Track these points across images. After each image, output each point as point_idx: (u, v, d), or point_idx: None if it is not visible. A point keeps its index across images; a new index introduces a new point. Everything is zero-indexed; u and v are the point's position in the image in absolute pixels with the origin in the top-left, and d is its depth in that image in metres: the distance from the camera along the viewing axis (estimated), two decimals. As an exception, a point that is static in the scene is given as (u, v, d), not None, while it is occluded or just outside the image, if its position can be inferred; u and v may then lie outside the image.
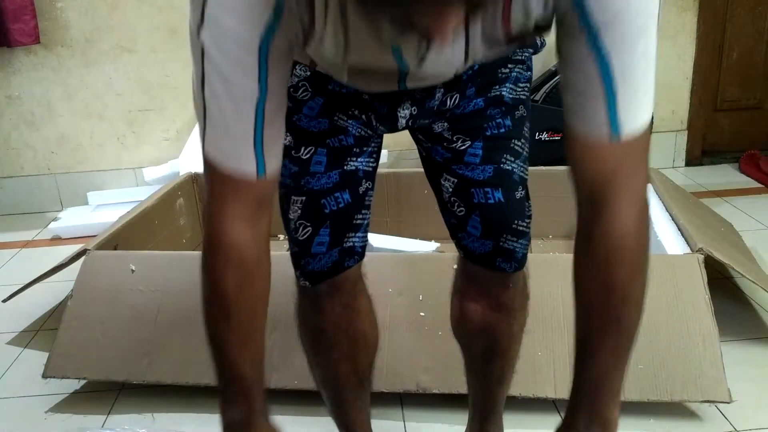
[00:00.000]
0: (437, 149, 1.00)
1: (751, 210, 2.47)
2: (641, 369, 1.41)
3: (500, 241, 0.97)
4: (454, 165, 0.98)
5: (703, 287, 1.48)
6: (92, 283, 1.68)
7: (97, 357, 1.58)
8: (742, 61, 2.98)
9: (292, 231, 0.98)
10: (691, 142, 3.04)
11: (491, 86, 0.95)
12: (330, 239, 0.98)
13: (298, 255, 0.99)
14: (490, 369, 1.14)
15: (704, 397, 1.38)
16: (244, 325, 0.76)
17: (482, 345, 1.10)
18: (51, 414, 1.56)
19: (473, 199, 0.97)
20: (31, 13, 2.63)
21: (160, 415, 1.54)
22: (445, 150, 0.98)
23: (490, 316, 1.05)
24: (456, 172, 0.98)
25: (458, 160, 0.97)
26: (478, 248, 0.99)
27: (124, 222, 1.96)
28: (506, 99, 0.96)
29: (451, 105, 0.94)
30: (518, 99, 0.98)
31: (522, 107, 0.98)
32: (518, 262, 1.00)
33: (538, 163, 2.61)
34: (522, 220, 0.98)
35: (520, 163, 0.98)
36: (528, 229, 1.00)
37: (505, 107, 0.97)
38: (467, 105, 0.95)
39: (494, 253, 0.98)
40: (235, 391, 0.79)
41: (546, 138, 2.63)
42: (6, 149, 2.89)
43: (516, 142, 0.98)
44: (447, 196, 1.01)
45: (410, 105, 0.92)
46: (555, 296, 1.51)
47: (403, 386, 1.46)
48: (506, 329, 1.08)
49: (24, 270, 2.29)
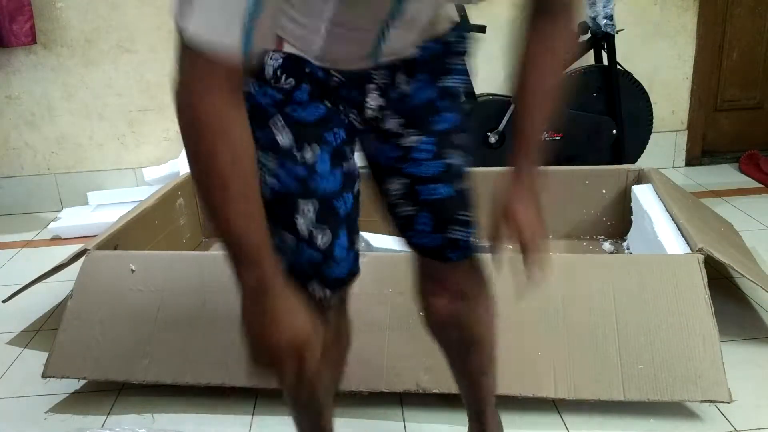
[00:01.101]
0: (385, 150, 1.00)
1: (751, 210, 2.47)
2: (641, 369, 1.41)
3: (447, 233, 1.02)
4: (403, 164, 1.00)
5: (703, 287, 1.48)
6: (92, 283, 1.68)
7: (96, 357, 1.58)
8: (742, 61, 2.99)
9: (304, 238, 0.94)
10: (691, 142, 3.04)
11: (442, 76, 0.98)
12: (347, 243, 0.97)
13: (316, 264, 0.95)
14: (470, 361, 1.17)
15: (704, 397, 1.38)
16: (242, 197, 0.76)
17: (456, 338, 1.13)
18: (51, 414, 1.56)
19: (421, 197, 1.00)
20: (28, 14, 2.63)
21: (159, 415, 1.54)
22: (396, 148, 0.99)
23: (454, 307, 1.08)
24: (405, 171, 1.00)
25: (407, 158, 0.99)
26: (429, 243, 1.03)
27: (124, 222, 1.96)
28: (455, 91, 1.00)
29: (410, 91, 0.97)
30: (464, 92, 1.03)
31: (465, 100, 1.02)
32: (465, 250, 1.04)
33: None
34: (467, 210, 1.03)
35: (464, 156, 1.03)
36: (472, 218, 1.05)
37: (453, 100, 1.00)
38: (422, 94, 0.97)
39: (443, 246, 1.02)
40: (246, 259, 0.78)
41: (546, 138, 2.63)
42: (6, 149, 2.89)
43: (462, 135, 1.02)
44: (394, 198, 1.02)
45: (377, 94, 0.95)
46: (554, 296, 1.51)
47: (403, 386, 1.46)
48: (474, 317, 1.10)
49: (24, 270, 2.29)
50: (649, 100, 2.69)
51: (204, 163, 0.75)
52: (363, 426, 1.45)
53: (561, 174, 2.22)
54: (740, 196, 2.63)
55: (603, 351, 1.44)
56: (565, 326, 1.48)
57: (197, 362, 1.54)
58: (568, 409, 1.47)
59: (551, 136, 2.64)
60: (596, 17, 2.53)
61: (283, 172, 0.91)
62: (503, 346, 1.46)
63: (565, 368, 1.43)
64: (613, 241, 2.23)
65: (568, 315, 1.49)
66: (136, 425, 1.50)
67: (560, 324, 1.48)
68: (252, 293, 0.79)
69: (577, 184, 2.21)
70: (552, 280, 1.53)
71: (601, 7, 2.50)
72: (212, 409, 1.54)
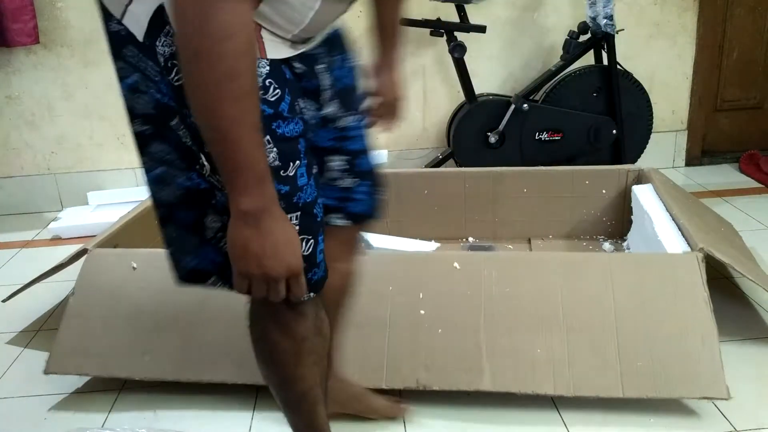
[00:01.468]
0: (325, 134, 1.05)
1: (751, 210, 2.47)
2: (640, 366, 1.41)
3: (379, 195, 1.16)
4: (343, 143, 1.07)
5: (702, 285, 1.48)
6: (94, 281, 1.68)
7: (98, 354, 1.58)
8: (742, 61, 2.99)
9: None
10: (691, 142, 3.04)
11: (348, 54, 1.07)
12: (323, 245, 0.99)
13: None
14: (344, 313, 1.31)
15: (702, 395, 1.38)
16: (256, 109, 0.77)
17: (347, 295, 1.26)
18: (52, 413, 1.56)
19: (360, 168, 1.10)
20: (31, 13, 2.63)
21: (162, 411, 1.54)
22: (335, 130, 1.05)
23: (352, 266, 1.23)
24: (346, 149, 1.07)
25: (347, 137, 1.06)
26: (365, 208, 1.13)
27: (123, 222, 1.97)
28: (357, 70, 1.09)
29: (339, 73, 1.04)
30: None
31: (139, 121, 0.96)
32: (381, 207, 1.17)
33: (538, 163, 2.62)
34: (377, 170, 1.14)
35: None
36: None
37: (357, 79, 1.09)
38: (347, 74, 1.06)
39: (375, 208, 1.15)
40: (252, 179, 0.78)
41: (546, 138, 2.64)
42: (6, 149, 2.89)
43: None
44: (335, 173, 1.08)
45: (327, 74, 1.01)
46: (554, 295, 1.51)
47: (403, 383, 1.46)
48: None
49: (24, 270, 2.29)
50: (649, 100, 2.70)
51: (231, 69, 0.73)
52: (362, 423, 1.45)
53: (561, 174, 2.22)
54: (740, 196, 2.63)
55: (602, 348, 1.44)
56: (564, 324, 1.48)
57: (198, 359, 1.54)
58: (567, 407, 1.47)
59: (551, 136, 2.64)
60: (596, 17, 2.54)
61: None
62: (502, 344, 1.47)
63: (564, 366, 1.43)
64: (613, 241, 2.23)
65: (567, 313, 1.49)
66: (138, 422, 1.50)
67: (559, 321, 1.48)
68: (253, 219, 0.79)
69: (577, 184, 2.21)
70: (551, 278, 1.54)
71: (601, 7, 2.50)
72: (213, 406, 1.54)
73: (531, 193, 2.23)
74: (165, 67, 0.86)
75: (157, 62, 0.86)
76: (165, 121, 0.90)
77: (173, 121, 0.89)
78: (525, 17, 2.82)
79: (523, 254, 1.68)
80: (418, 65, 2.82)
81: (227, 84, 0.74)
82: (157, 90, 0.89)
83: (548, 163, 2.60)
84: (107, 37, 0.92)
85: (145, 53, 0.87)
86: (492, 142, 2.60)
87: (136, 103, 0.92)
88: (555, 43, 2.83)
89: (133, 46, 0.88)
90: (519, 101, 2.57)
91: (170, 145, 0.92)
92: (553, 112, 2.62)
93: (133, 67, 0.89)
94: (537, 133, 2.63)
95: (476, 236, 2.26)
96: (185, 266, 1.00)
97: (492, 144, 2.60)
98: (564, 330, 1.47)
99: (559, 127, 2.63)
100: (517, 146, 2.63)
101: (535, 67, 2.87)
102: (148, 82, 0.89)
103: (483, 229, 2.24)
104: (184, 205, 0.95)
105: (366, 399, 1.44)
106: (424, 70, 2.83)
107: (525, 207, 2.24)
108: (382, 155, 2.74)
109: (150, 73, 0.88)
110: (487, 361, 1.45)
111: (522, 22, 2.82)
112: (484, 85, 2.84)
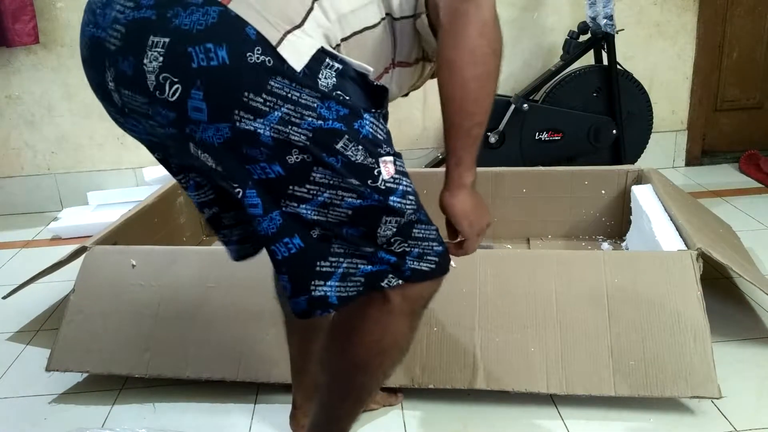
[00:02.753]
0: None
1: (751, 210, 2.47)
2: (632, 365, 1.41)
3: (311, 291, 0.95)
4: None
5: (695, 283, 1.48)
6: (94, 278, 1.69)
7: (99, 351, 1.59)
8: (742, 61, 2.99)
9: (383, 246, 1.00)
10: (691, 142, 3.04)
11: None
12: None
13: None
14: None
15: (694, 393, 1.38)
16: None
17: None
18: (53, 412, 1.56)
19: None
20: (31, 13, 2.64)
21: (162, 409, 1.54)
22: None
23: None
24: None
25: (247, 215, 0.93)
26: (294, 308, 0.96)
27: (122, 220, 1.97)
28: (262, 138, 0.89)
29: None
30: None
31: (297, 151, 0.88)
32: (336, 306, 0.96)
33: (538, 163, 2.62)
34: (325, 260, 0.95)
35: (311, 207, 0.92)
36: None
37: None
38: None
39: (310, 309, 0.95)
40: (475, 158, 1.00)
41: (546, 138, 2.64)
42: (6, 149, 2.89)
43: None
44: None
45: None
46: (548, 292, 1.51)
47: (398, 381, 1.46)
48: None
49: (24, 270, 2.29)
50: (649, 100, 2.70)
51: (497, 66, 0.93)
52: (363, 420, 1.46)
53: (561, 174, 2.22)
54: (740, 196, 2.63)
55: (595, 346, 1.44)
56: (557, 321, 1.48)
57: (198, 357, 1.54)
58: (566, 404, 1.47)
59: (551, 136, 2.64)
60: (596, 17, 2.54)
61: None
62: (497, 342, 1.47)
63: (557, 363, 1.44)
64: (612, 241, 2.23)
65: (561, 310, 1.49)
66: (137, 422, 1.51)
67: (553, 319, 1.48)
68: (473, 189, 1.02)
69: (577, 184, 2.21)
70: (545, 276, 1.54)
71: (601, 7, 2.50)
72: (214, 403, 1.54)
73: (530, 193, 2.23)
74: (327, 95, 0.86)
75: (317, 90, 0.85)
76: (329, 145, 0.87)
77: (339, 143, 0.88)
78: (525, 17, 2.82)
79: (518, 252, 1.68)
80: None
81: (494, 84, 0.95)
82: (317, 117, 0.86)
83: (548, 163, 2.60)
84: (236, 71, 0.82)
85: (299, 83, 0.84)
86: (492, 142, 2.60)
87: (291, 135, 0.86)
88: (555, 43, 2.83)
89: (281, 77, 0.83)
90: (519, 101, 2.57)
91: (332, 169, 0.89)
92: (553, 112, 2.62)
93: (283, 99, 0.84)
94: (537, 133, 2.63)
95: (476, 236, 2.25)
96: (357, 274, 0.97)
97: (492, 144, 2.60)
98: (557, 328, 1.47)
99: (559, 127, 2.63)
100: (517, 146, 2.63)
101: (535, 67, 2.87)
102: (304, 111, 0.85)
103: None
104: (352, 222, 0.93)
105: None
106: (424, 70, 2.83)
107: (524, 207, 2.24)
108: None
109: (306, 101, 0.85)
110: (482, 359, 1.46)
111: (522, 22, 2.82)
112: (483, 85, 2.84)
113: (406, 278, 0.99)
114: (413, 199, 0.97)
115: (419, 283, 1.01)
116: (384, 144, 0.93)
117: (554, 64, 2.69)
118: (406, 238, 0.97)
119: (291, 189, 0.89)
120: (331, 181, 0.89)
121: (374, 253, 0.97)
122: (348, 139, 0.88)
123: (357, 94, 0.91)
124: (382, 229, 0.94)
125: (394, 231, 0.95)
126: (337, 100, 0.87)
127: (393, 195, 0.93)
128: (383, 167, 0.92)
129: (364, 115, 0.90)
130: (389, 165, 0.93)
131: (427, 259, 1.01)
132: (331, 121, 0.87)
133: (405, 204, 0.95)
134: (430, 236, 1.01)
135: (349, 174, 0.89)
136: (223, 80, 0.81)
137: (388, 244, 0.96)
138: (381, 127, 0.94)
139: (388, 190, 0.93)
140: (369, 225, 0.94)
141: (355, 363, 1.06)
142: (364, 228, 0.94)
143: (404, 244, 0.97)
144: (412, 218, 0.97)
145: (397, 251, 0.97)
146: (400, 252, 0.98)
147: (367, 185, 0.91)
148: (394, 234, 0.96)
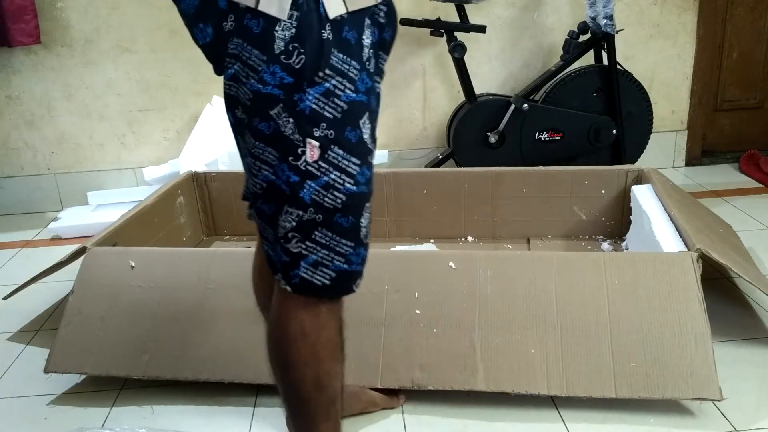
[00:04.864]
0: None
1: (751, 210, 2.47)
2: (633, 366, 1.41)
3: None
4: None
5: (696, 285, 1.48)
6: (92, 280, 1.69)
7: (97, 352, 1.59)
8: (742, 61, 2.99)
9: (363, 238, 0.94)
10: (691, 142, 3.04)
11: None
12: None
13: (363, 260, 0.96)
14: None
15: (695, 395, 1.38)
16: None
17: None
18: (52, 412, 1.56)
19: None
20: (32, 13, 2.63)
21: (161, 411, 1.54)
22: None
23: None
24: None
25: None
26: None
27: (122, 220, 1.96)
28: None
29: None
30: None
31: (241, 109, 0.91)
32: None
33: (538, 163, 2.62)
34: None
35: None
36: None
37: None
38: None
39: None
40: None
41: (546, 138, 2.63)
42: (6, 149, 2.89)
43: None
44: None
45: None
46: (548, 293, 1.51)
47: (398, 382, 1.46)
48: None
49: (24, 270, 2.29)
50: (649, 100, 2.69)
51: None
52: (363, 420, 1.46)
53: (561, 174, 2.22)
54: (740, 196, 2.63)
55: (596, 348, 1.44)
56: (558, 323, 1.48)
57: (196, 358, 1.54)
58: (566, 406, 1.47)
59: (551, 136, 2.64)
60: (596, 17, 2.53)
61: (370, 172, 0.92)
62: (497, 344, 1.47)
63: (557, 365, 1.43)
64: (612, 241, 2.23)
65: (561, 312, 1.49)
66: (136, 422, 1.51)
67: (553, 321, 1.48)
68: None
69: (577, 184, 2.21)
70: (545, 277, 1.54)
71: (601, 7, 2.50)
72: (213, 405, 1.54)
73: (530, 193, 2.23)
74: (273, 58, 0.84)
75: (265, 52, 0.85)
76: (263, 111, 0.87)
77: (274, 110, 0.86)
78: (525, 17, 2.82)
79: (518, 253, 1.68)
80: (418, 65, 2.81)
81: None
82: (258, 80, 0.86)
83: (548, 163, 2.60)
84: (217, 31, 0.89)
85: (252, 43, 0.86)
86: (492, 142, 2.60)
87: (238, 93, 0.89)
88: (555, 43, 2.83)
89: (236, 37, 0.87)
90: (519, 101, 2.57)
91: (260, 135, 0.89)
92: (553, 112, 2.62)
93: (235, 58, 0.87)
94: (537, 133, 2.63)
95: (475, 236, 2.25)
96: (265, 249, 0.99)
97: (492, 144, 2.60)
98: (558, 329, 1.47)
99: (559, 127, 2.63)
100: (517, 146, 2.63)
101: (535, 67, 2.87)
102: (250, 72, 0.86)
103: (482, 229, 2.24)
104: (264, 198, 0.91)
105: (365, 395, 1.45)
106: (424, 70, 2.83)
107: (524, 207, 2.24)
108: (383, 155, 2.74)
109: (253, 63, 0.86)
110: (482, 360, 1.46)
111: (522, 22, 2.82)
112: (484, 85, 2.84)
113: (292, 285, 0.91)
114: (341, 199, 0.88)
115: (305, 298, 0.92)
116: (327, 127, 0.86)
117: (554, 64, 2.69)
118: (305, 239, 0.89)
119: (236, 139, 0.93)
120: (254, 148, 0.88)
121: (274, 243, 0.91)
122: (282, 108, 0.85)
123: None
124: (282, 219, 0.89)
125: (293, 226, 0.88)
126: (282, 65, 0.84)
127: (312, 181, 0.87)
128: (308, 148, 0.86)
129: (307, 90, 0.85)
130: (315, 150, 0.86)
131: (321, 271, 0.91)
132: (271, 87, 0.85)
133: (321, 198, 0.88)
134: (337, 248, 0.90)
135: (271, 143, 0.87)
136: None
137: (285, 239, 0.89)
138: (332, 107, 0.86)
139: (308, 174, 0.87)
140: (274, 210, 0.89)
141: (274, 360, 1.01)
142: (271, 212, 0.90)
143: (301, 244, 0.89)
144: (317, 218, 0.88)
145: (293, 251, 0.89)
146: (296, 253, 0.89)
147: (287, 161, 0.87)
148: (293, 229, 0.88)
